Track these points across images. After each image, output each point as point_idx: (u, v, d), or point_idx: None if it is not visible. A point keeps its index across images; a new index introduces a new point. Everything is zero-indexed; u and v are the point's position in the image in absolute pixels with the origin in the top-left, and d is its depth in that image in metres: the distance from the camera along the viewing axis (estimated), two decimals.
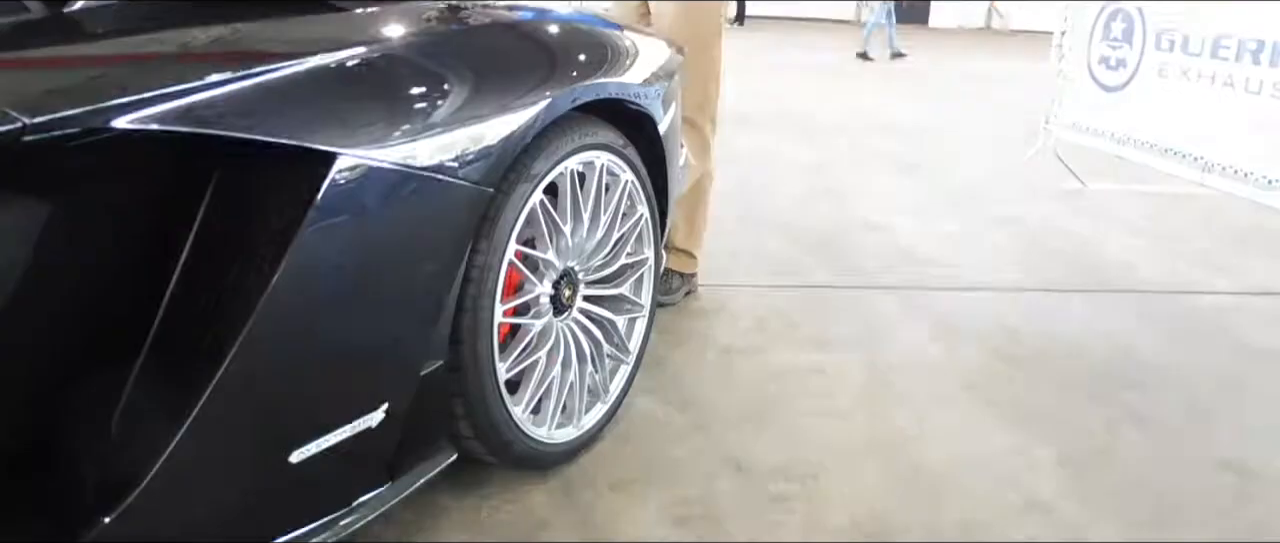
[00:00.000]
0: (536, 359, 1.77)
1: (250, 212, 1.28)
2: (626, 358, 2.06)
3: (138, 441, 1.18)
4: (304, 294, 1.27)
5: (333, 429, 1.36)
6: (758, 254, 3.43)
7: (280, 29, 1.38)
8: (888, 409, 2.25)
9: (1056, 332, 2.80)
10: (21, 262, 1.11)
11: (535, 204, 1.67)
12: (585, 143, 1.78)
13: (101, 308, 1.23)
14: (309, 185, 1.25)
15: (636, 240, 2.03)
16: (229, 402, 1.20)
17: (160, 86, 1.13)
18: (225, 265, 1.26)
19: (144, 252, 1.25)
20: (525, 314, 1.75)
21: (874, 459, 2.02)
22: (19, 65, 1.13)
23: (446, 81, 1.51)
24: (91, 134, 1.07)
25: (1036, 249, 3.67)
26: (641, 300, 2.08)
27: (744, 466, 1.97)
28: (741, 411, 2.21)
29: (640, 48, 2.06)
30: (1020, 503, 1.89)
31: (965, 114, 7.49)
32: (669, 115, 2.15)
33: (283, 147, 1.23)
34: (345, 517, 1.45)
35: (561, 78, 1.73)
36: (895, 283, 3.17)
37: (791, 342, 2.63)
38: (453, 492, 1.78)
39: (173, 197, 1.26)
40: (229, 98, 1.19)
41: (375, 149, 1.32)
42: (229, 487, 1.29)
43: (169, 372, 1.22)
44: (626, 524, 1.75)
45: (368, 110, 1.35)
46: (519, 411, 1.72)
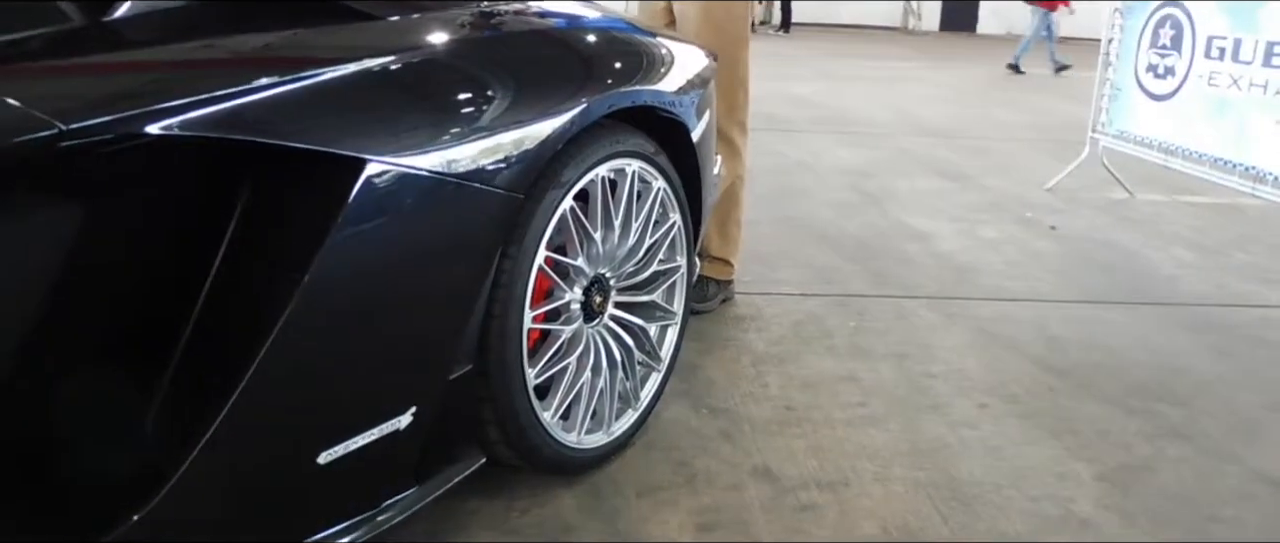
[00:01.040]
0: (566, 365, 1.78)
1: (282, 216, 1.30)
2: (658, 365, 2.06)
3: (168, 439, 1.21)
4: (333, 298, 1.29)
5: (361, 432, 1.38)
6: (796, 261, 3.41)
7: (311, 37, 1.40)
8: (922, 419, 2.23)
9: (1099, 344, 2.75)
10: (58, 264, 1.14)
11: (565, 211, 1.68)
12: (617, 150, 1.78)
13: (135, 310, 1.26)
14: (339, 191, 1.27)
15: (669, 248, 2.03)
16: (258, 403, 1.22)
17: (193, 94, 1.16)
18: (257, 269, 1.28)
19: (178, 255, 1.28)
20: (555, 320, 1.76)
21: (906, 469, 2.00)
22: (58, 72, 1.17)
23: (477, 88, 1.52)
24: (126, 140, 1.10)
25: (1081, 260, 3.62)
26: (674, 308, 2.08)
27: (774, 474, 1.96)
28: (773, 418, 2.20)
29: (674, 55, 2.06)
30: (1056, 516, 1.86)
31: (1010, 120, 7.40)
32: (702, 123, 2.15)
33: (313, 153, 1.25)
34: (372, 518, 1.46)
35: (593, 85, 1.74)
36: (935, 292, 3.14)
37: (826, 350, 2.62)
38: (481, 495, 1.79)
39: (206, 201, 1.28)
40: (260, 105, 1.21)
41: (404, 155, 1.33)
42: (257, 487, 1.31)
43: (200, 373, 1.25)
44: (653, 531, 1.75)
45: (397, 117, 1.37)
46: (548, 416, 1.73)
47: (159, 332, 1.26)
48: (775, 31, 17.41)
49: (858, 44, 15.77)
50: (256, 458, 1.27)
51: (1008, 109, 8.19)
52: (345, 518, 1.43)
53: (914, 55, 14.14)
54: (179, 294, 1.27)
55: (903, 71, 11.58)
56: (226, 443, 1.20)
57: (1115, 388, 2.45)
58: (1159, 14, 4.37)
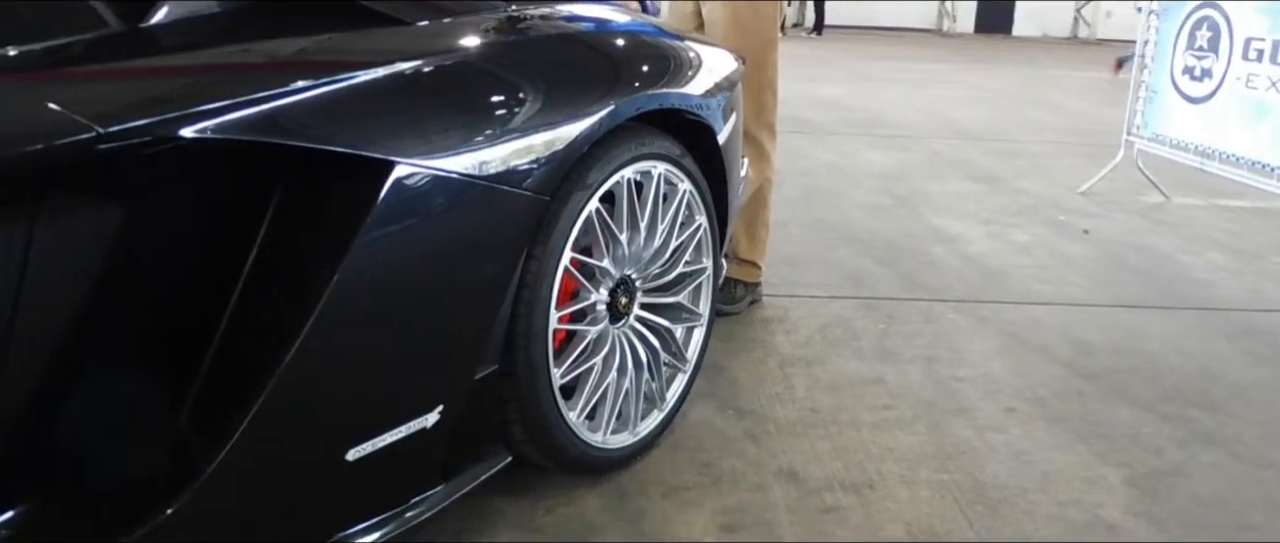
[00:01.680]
0: (592, 366, 1.80)
1: (312, 218, 1.33)
2: (684, 366, 2.07)
3: (201, 436, 1.24)
4: (363, 297, 1.31)
5: (389, 429, 1.40)
6: (825, 264, 3.41)
7: (342, 42, 1.43)
8: (949, 422, 2.22)
9: (1130, 349, 2.73)
10: (94, 264, 1.17)
11: (591, 213, 1.69)
12: (643, 152, 1.80)
13: (170, 309, 1.29)
14: (368, 193, 1.29)
15: (695, 250, 2.04)
16: (288, 401, 1.25)
17: (227, 97, 1.19)
18: (288, 269, 1.31)
19: (211, 255, 1.31)
20: (581, 321, 1.78)
21: (932, 472, 2.00)
22: (96, 77, 1.20)
23: (504, 92, 1.54)
24: (161, 143, 1.13)
25: (1114, 263, 3.58)
26: (700, 309, 2.09)
27: (799, 475, 1.96)
28: (798, 420, 2.20)
29: (702, 58, 2.07)
30: (1083, 521, 1.85)
31: (1044, 123, 7.33)
32: (729, 125, 2.15)
33: (343, 155, 1.27)
34: (400, 516, 1.49)
35: (620, 88, 1.75)
36: (964, 295, 3.12)
37: (853, 352, 2.61)
38: (507, 495, 1.81)
39: (239, 203, 1.31)
40: (292, 109, 1.24)
41: (432, 158, 1.35)
42: (287, 483, 1.33)
43: (232, 371, 1.27)
44: (678, 531, 1.76)
45: (426, 120, 1.39)
46: (573, 416, 1.75)
47: (192, 331, 1.29)
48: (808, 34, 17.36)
49: (891, 46, 15.68)
50: (286, 455, 1.30)
51: (1042, 111, 8.12)
52: (373, 515, 1.45)
53: (948, 57, 14.04)
54: (212, 293, 1.30)
55: (936, 73, 11.51)
56: (257, 440, 1.22)
57: (1147, 393, 2.43)
58: (1196, 15, 4.32)
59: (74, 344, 1.17)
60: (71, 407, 1.21)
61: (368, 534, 1.43)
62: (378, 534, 1.44)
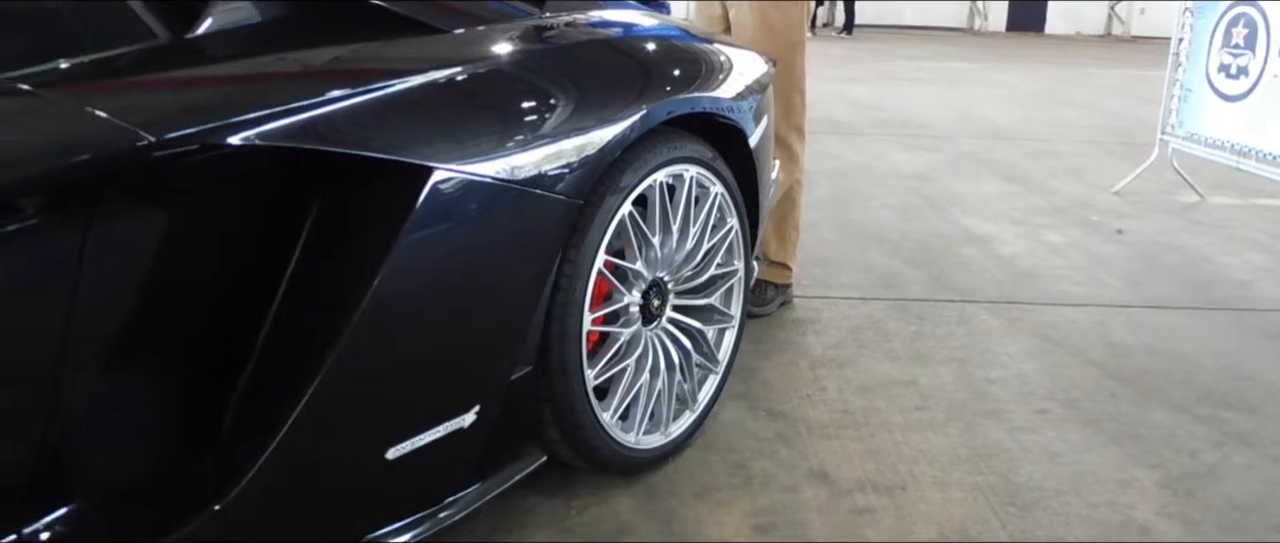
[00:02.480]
0: (625, 367, 1.82)
1: (353, 222, 1.36)
2: (715, 368, 2.09)
3: (246, 435, 1.27)
4: (402, 300, 1.34)
5: (427, 429, 1.43)
6: (856, 265, 3.41)
7: (381, 51, 1.46)
8: (981, 424, 2.22)
9: (1165, 349, 2.71)
10: (145, 268, 1.20)
11: (624, 216, 1.71)
12: (675, 156, 1.81)
13: (215, 312, 1.32)
14: (406, 198, 1.32)
15: (726, 252, 2.05)
16: (330, 401, 1.28)
17: (271, 105, 1.22)
18: (329, 273, 1.34)
19: (255, 260, 1.34)
20: (614, 323, 1.80)
21: (965, 474, 2.00)
22: (147, 87, 1.24)
23: (538, 97, 1.57)
24: (210, 150, 1.16)
25: (1148, 264, 3.56)
26: (731, 311, 2.11)
27: (830, 477, 1.97)
28: (830, 422, 2.21)
29: (732, 61, 2.09)
30: (1116, 523, 1.84)
31: (1077, 122, 7.27)
32: (760, 128, 2.17)
33: (383, 161, 1.30)
34: (436, 514, 1.52)
35: (652, 93, 1.77)
36: (996, 296, 3.12)
37: (885, 354, 2.62)
38: (541, 494, 1.83)
39: (281, 209, 1.34)
40: (333, 116, 1.27)
41: (469, 163, 1.38)
42: (329, 480, 1.37)
43: (276, 372, 1.31)
44: (709, 531, 1.78)
45: (462, 126, 1.42)
46: (607, 416, 1.77)
47: (237, 332, 1.32)
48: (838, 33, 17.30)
49: (922, 45, 15.59)
50: (328, 454, 1.33)
51: (1075, 110, 8.05)
52: (411, 513, 1.49)
53: (979, 56, 13.94)
54: (256, 296, 1.33)
55: (967, 73, 11.43)
56: (301, 439, 1.26)
57: (1181, 394, 2.42)
58: (1232, 13, 4.28)
59: (124, 346, 1.21)
60: (122, 407, 1.25)
61: (406, 531, 1.46)
62: (416, 531, 1.47)
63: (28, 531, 1.16)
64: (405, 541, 1.48)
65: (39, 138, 1.11)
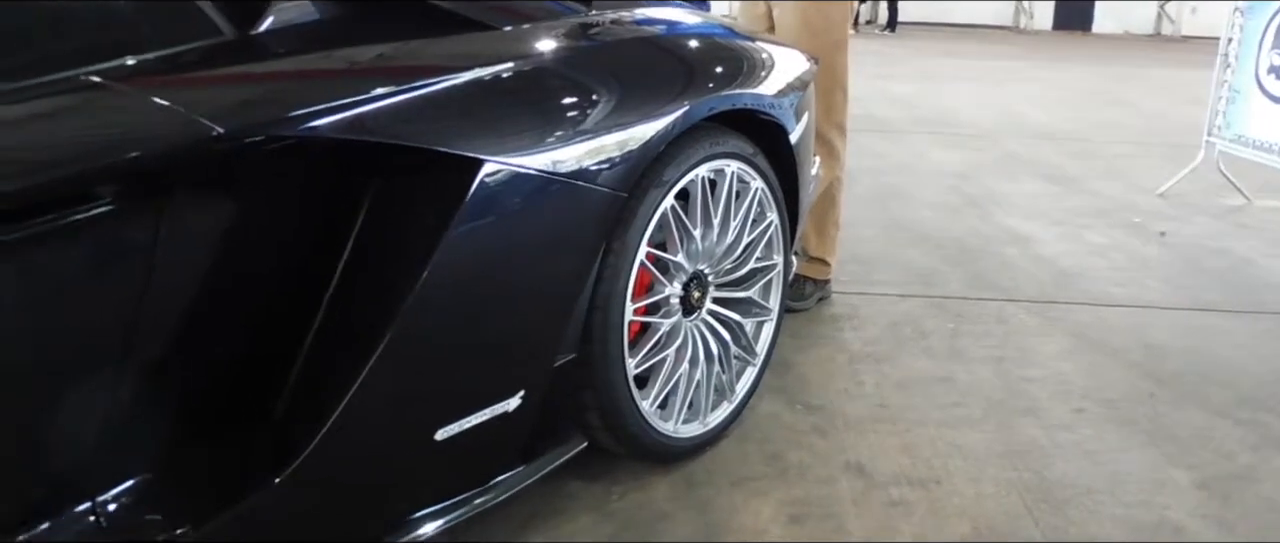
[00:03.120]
0: (665, 357, 1.86)
1: (405, 212, 1.42)
2: (753, 360, 2.12)
3: (303, 413, 1.33)
4: (452, 287, 1.39)
5: (474, 411, 1.49)
6: (895, 262, 3.42)
7: (433, 47, 1.52)
8: (1017, 421, 2.24)
9: (1205, 352, 2.70)
10: (212, 256, 1.27)
11: (666, 209, 1.76)
12: (717, 151, 1.85)
13: (274, 296, 1.38)
14: (457, 189, 1.37)
15: (766, 246, 2.09)
16: (383, 382, 1.34)
17: (330, 99, 1.28)
18: (382, 261, 1.40)
19: (312, 247, 1.40)
20: (655, 313, 1.84)
21: (999, 470, 2.02)
22: (213, 82, 1.30)
23: (584, 93, 1.61)
24: (273, 141, 1.22)
25: (1190, 266, 3.53)
26: (770, 304, 2.14)
27: (866, 469, 2.00)
28: (867, 416, 2.24)
29: (774, 59, 2.12)
30: (1150, 522, 1.86)
31: (1122, 123, 7.19)
32: (801, 125, 2.20)
33: (435, 153, 1.36)
34: (482, 495, 1.57)
35: (695, 89, 1.81)
36: (1036, 296, 3.12)
37: (922, 350, 2.64)
38: (582, 479, 1.88)
39: (338, 199, 1.40)
40: (388, 110, 1.33)
41: (517, 156, 1.43)
42: (382, 458, 1.43)
43: (331, 354, 1.37)
44: (745, 520, 1.82)
45: (511, 120, 1.47)
46: (647, 405, 1.82)
47: (294, 316, 1.38)
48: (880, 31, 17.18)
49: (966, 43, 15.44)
50: (381, 432, 1.39)
51: (1120, 110, 7.96)
52: (458, 493, 1.54)
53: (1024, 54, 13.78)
54: (312, 282, 1.39)
55: (1011, 72, 11.32)
56: (354, 418, 1.31)
57: (1221, 397, 2.41)
58: None
59: (192, 327, 1.27)
60: (187, 384, 1.32)
61: (455, 510, 1.52)
62: (463, 510, 1.53)
63: (101, 499, 1.23)
64: (453, 518, 1.54)
65: (115, 130, 1.18)
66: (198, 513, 1.25)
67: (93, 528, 1.22)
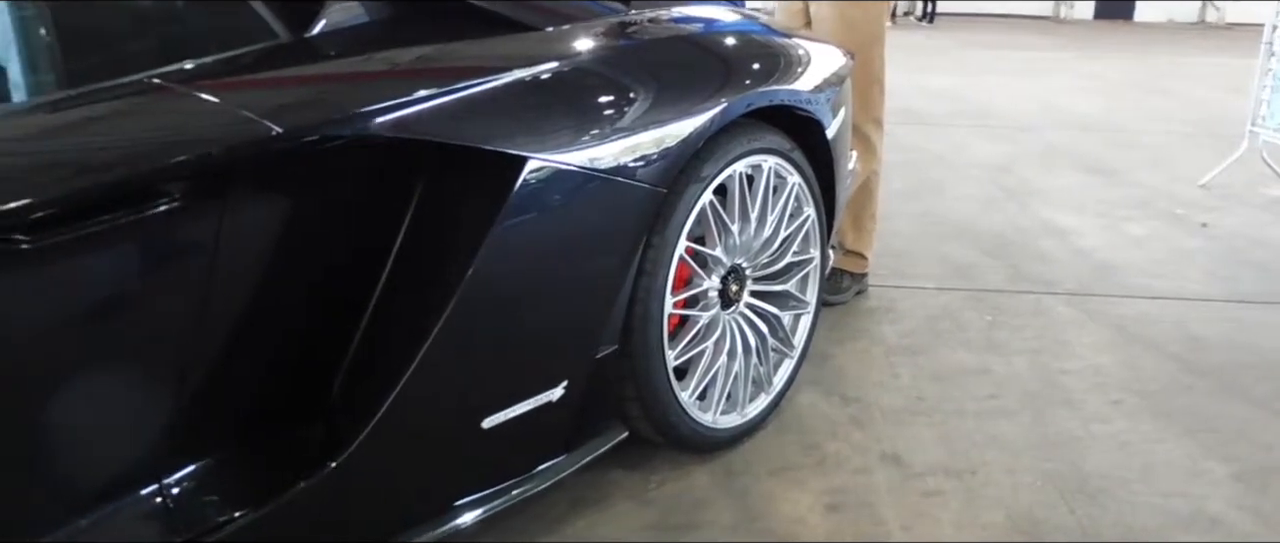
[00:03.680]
0: (704, 349, 1.90)
1: (452, 208, 1.47)
2: (791, 352, 2.16)
3: (357, 402, 1.39)
4: (497, 280, 1.44)
5: (519, 401, 1.54)
6: (932, 256, 3.43)
7: (479, 48, 1.57)
8: (1054, 413, 2.25)
9: (1246, 344, 2.69)
10: (269, 249, 1.32)
11: (705, 204, 1.79)
12: (754, 147, 1.89)
13: (328, 289, 1.44)
14: (503, 185, 1.42)
15: (803, 240, 2.12)
16: (432, 372, 1.39)
17: (381, 100, 1.33)
18: (431, 255, 1.45)
19: (363, 243, 1.45)
20: (694, 306, 1.88)
21: (1035, 461, 2.04)
22: (270, 84, 1.36)
23: (625, 91, 1.66)
24: (328, 140, 1.28)
25: (1232, 258, 3.51)
26: (807, 298, 2.17)
27: (902, 460, 2.03)
28: (903, 407, 2.26)
29: (810, 54, 2.15)
30: (1186, 513, 1.87)
31: (1164, 113, 7.11)
32: (838, 120, 2.22)
33: (481, 151, 1.40)
34: (526, 481, 1.62)
35: (732, 86, 1.85)
36: (1075, 288, 3.11)
37: (959, 343, 2.65)
38: (622, 468, 1.93)
39: (388, 195, 1.46)
40: (437, 109, 1.38)
41: (560, 153, 1.48)
42: (431, 444, 1.48)
43: (382, 344, 1.42)
44: (783, 508, 1.85)
45: (554, 119, 1.52)
46: (686, 396, 1.86)
47: (347, 308, 1.44)
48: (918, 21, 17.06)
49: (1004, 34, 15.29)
50: (431, 420, 1.44)
51: (1162, 100, 7.86)
52: (504, 479, 1.60)
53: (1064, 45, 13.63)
54: (364, 275, 1.45)
55: (1051, 63, 11.20)
56: (406, 405, 1.37)
57: (1261, 389, 2.41)
58: None
59: (251, 318, 1.33)
60: (246, 373, 1.38)
61: (500, 496, 1.58)
62: (508, 496, 1.58)
63: (167, 482, 1.29)
64: (492, 508, 1.59)
65: (179, 131, 1.24)
66: (257, 497, 1.31)
67: (160, 509, 1.28)
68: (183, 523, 1.28)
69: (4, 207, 1.06)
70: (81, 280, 1.17)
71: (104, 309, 1.21)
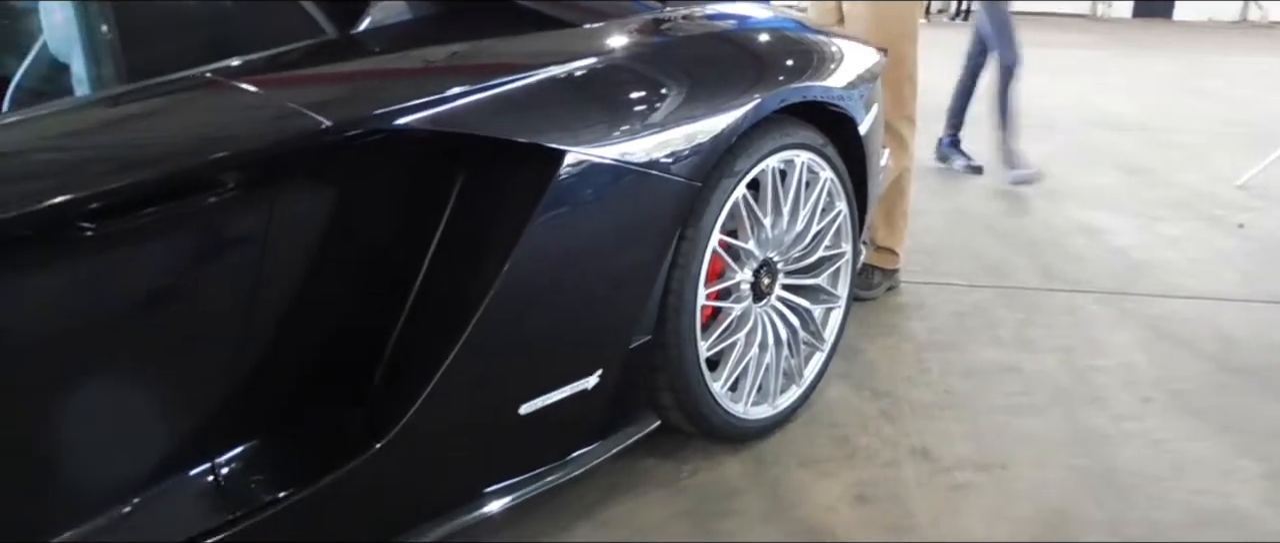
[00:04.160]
0: (735, 341, 1.93)
1: (492, 201, 1.51)
2: (822, 346, 2.18)
3: (400, 386, 1.43)
4: (535, 270, 1.49)
5: (555, 388, 1.58)
6: (965, 253, 3.43)
7: (519, 44, 1.61)
8: (1084, 410, 2.26)
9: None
10: (317, 239, 1.37)
11: (738, 198, 1.83)
12: (787, 142, 1.91)
13: (372, 277, 1.49)
14: (541, 179, 1.46)
15: (834, 235, 2.14)
16: (472, 358, 1.44)
17: (425, 94, 1.38)
18: (471, 245, 1.50)
19: (406, 232, 1.50)
20: (726, 298, 1.91)
21: (1065, 456, 2.05)
22: (318, 79, 1.40)
23: (660, 87, 1.69)
24: (374, 134, 1.32)
25: (1269, 258, 3.48)
26: (838, 292, 2.20)
27: (931, 454, 2.05)
28: (933, 402, 2.28)
29: (842, 52, 2.17)
30: (1215, 510, 1.87)
31: (1203, 112, 7.02)
32: (870, 116, 2.24)
33: (520, 145, 1.45)
34: (561, 467, 1.66)
35: (766, 82, 1.88)
36: (1108, 287, 3.11)
37: (990, 340, 2.66)
38: (655, 457, 1.96)
39: (430, 187, 1.50)
40: (477, 104, 1.42)
41: (597, 147, 1.52)
42: (469, 429, 1.52)
43: (425, 331, 1.47)
44: (813, 498, 1.88)
45: (590, 114, 1.56)
46: (718, 386, 1.89)
47: (390, 295, 1.49)
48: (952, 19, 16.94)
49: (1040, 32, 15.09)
50: (470, 405, 1.49)
51: (1202, 100, 7.76)
52: (540, 465, 1.64)
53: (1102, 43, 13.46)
54: (406, 264, 1.49)
55: (1088, 61, 11.08)
56: (446, 390, 1.41)
57: None
58: None
59: (299, 305, 1.38)
60: (293, 357, 1.43)
61: (536, 481, 1.62)
62: (543, 482, 1.63)
63: (218, 461, 1.34)
64: (521, 495, 1.63)
65: (232, 124, 1.29)
66: (303, 476, 1.36)
67: (211, 487, 1.33)
68: (232, 501, 1.33)
69: (70, 196, 1.11)
70: (140, 267, 1.22)
71: (161, 295, 1.26)
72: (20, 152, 1.21)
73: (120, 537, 1.26)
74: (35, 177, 1.15)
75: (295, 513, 1.33)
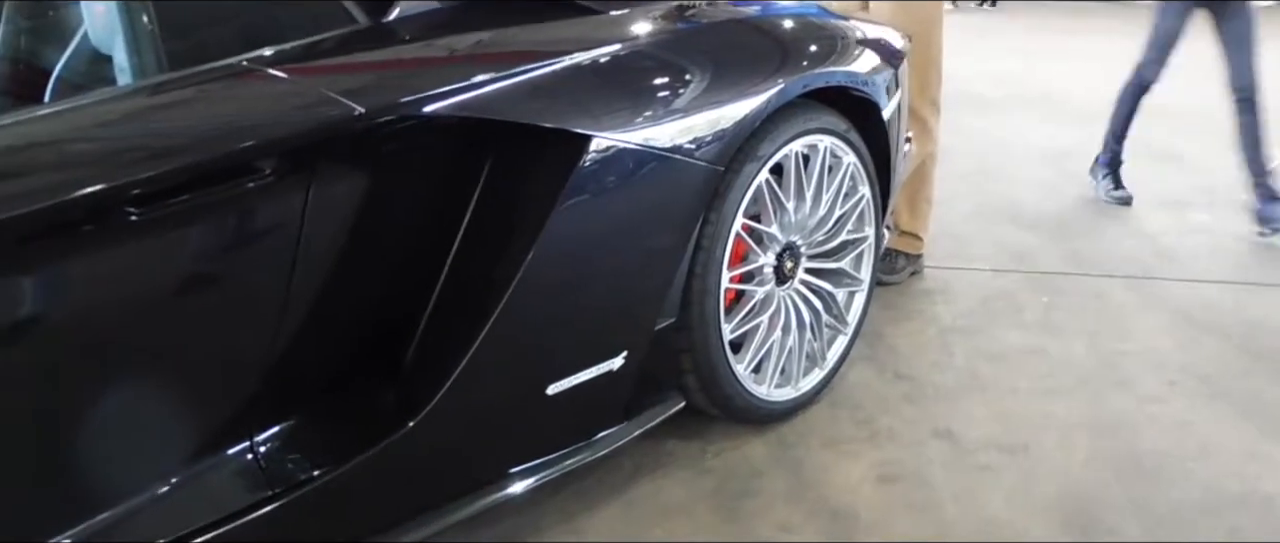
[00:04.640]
0: (759, 323, 1.96)
1: (519, 185, 1.54)
2: (844, 329, 2.20)
3: (431, 367, 1.47)
4: (562, 253, 1.52)
5: (582, 369, 1.62)
6: (989, 239, 3.43)
7: (546, 31, 1.64)
8: (1109, 393, 2.27)
9: None
10: (351, 223, 1.41)
11: (761, 182, 1.85)
12: (810, 127, 1.93)
13: (404, 260, 1.53)
14: (568, 163, 1.49)
15: (857, 219, 2.16)
16: (500, 340, 1.47)
17: (455, 81, 1.41)
18: (499, 229, 1.53)
19: (436, 216, 1.54)
20: (750, 282, 1.94)
21: (1089, 439, 2.06)
22: (351, 67, 1.44)
23: (685, 72, 1.71)
24: (406, 120, 1.36)
25: None
26: (861, 275, 2.21)
27: (955, 435, 2.07)
28: (956, 385, 2.29)
29: (866, 37, 2.18)
30: (1238, 492, 1.88)
31: None
32: (894, 101, 2.26)
33: (547, 130, 1.48)
34: (587, 447, 1.70)
35: (789, 67, 1.89)
36: (1134, 273, 3.10)
37: (1015, 324, 2.67)
38: (679, 438, 1.99)
39: (459, 172, 1.53)
40: (505, 91, 1.45)
41: (623, 132, 1.54)
42: (499, 409, 1.56)
43: (455, 313, 1.50)
44: (836, 479, 1.90)
45: (616, 99, 1.59)
46: (741, 368, 1.92)
47: (421, 278, 1.53)
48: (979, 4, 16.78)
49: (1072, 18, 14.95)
50: (499, 385, 1.52)
51: None
52: (567, 444, 1.68)
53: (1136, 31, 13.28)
54: (436, 248, 1.53)
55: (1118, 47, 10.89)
56: (476, 371, 1.45)
57: None
58: None
59: (333, 287, 1.42)
60: (328, 339, 1.47)
61: (564, 460, 1.65)
62: (570, 461, 1.66)
63: (257, 440, 1.39)
64: (543, 476, 1.66)
65: (269, 111, 1.33)
66: (338, 455, 1.40)
67: (250, 465, 1.38)
68: (270, 478, 1.38)
69: (115, 182, 1.15)
70: (181, 252, 1.26)
71: (201, 278, 1.30)
72: (66, 139, 1.26)
73: (162, 514, 1.31)
74: (81, 164, 1.20)
75: (331, 490, 1.37)
